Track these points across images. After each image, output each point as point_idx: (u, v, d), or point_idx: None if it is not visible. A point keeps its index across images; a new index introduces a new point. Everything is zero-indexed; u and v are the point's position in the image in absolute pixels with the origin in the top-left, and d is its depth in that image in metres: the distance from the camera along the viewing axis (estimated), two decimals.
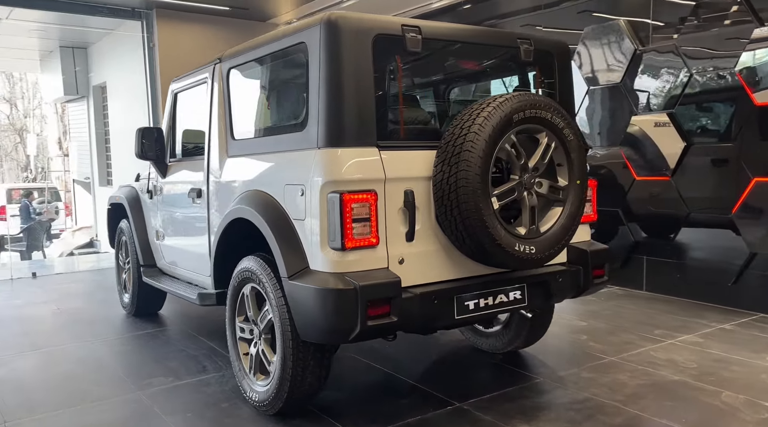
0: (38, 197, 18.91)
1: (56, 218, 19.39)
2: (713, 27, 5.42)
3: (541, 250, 3.03)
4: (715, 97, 5.47)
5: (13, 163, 35.43)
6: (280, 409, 3.17)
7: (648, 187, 5.94)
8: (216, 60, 3.86)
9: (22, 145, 33.90)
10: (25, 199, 17.30)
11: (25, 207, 16.47)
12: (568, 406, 3.35)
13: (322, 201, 2.80)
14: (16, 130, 34.30)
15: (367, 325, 2.71)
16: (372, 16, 2.96)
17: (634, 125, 6.02)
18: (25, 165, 33.98)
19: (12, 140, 34.61)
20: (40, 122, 32.84)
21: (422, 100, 3.51)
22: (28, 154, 33.19)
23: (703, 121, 5.58)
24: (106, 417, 3.37)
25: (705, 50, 5.46)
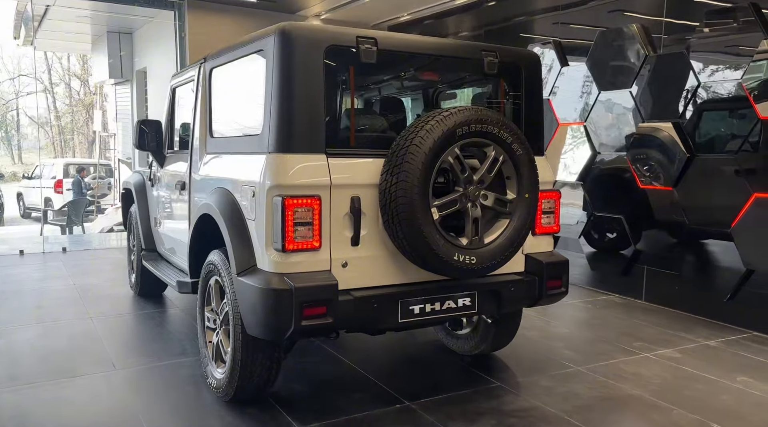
0: (92, 173, 19.77)
1: (108, 193, 20.24)
2: (724, 38, 5.28)
3: (482, 261, 3.10)
4: (721, 108, 5.34)
5: (83, 138, 37.11)
6: (233, 396, 3.35)
7: (652, 196, 5.85)
8: (202, 59, 4.04)
9: (90, 121, 35.43)
10: (78, 174, 18.08)
11: (77, 182, 17.23)
12: (511, 412, 3.42)
13: (268, 203, 2.95)
14: (85, 106, 35.84)
15: (300, 325, 2.86)
16: (327, 27, 3.07)
17: (640, 132, 5.93)
18: (91, 140, 35.53)
19: (83, 116, 36.24)
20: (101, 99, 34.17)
21: (376, 110, 3.59)
22: (94, 130, 34.66)
23: (708, 132, 5.46)
24: (77, 392, 3.62)
25: (714, 61, 5.33)
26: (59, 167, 21.14)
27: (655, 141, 5.79)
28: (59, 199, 20.65)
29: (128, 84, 13.10)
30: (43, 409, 3.40)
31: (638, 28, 5.97)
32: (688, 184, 5.49)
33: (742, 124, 5.14)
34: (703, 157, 5.38)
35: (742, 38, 5.15)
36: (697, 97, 5.42)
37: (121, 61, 12.35)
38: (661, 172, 5.76)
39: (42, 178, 21.46)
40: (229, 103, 3.71)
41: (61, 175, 20.65)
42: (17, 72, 36.39)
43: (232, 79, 3.64)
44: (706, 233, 5.49)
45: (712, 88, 5.32)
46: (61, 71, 36.62)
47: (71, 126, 37.91)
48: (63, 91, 37.56)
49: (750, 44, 5.01)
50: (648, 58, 5.85)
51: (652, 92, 5.86)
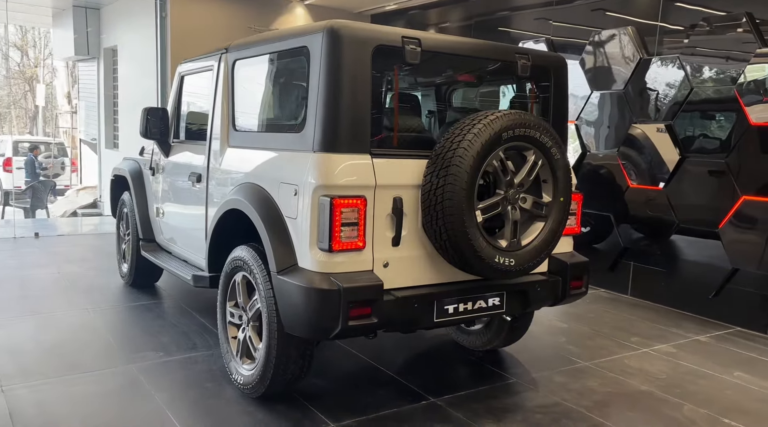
0: (44, 152, 19.02)
1: (61, 173, 19.52)
2: (718, 41, 5.48)
3: (521, 262, 3.17)
4: (713, 112, 5.55)
5: (22, 112, 35.38)
6: (263, 393, 3.34)
7: (641, 194, 6.05)
8: (223, 50, 3.95)
9: (32, 95, 33.85)
10: (31, 153, 17.36)
11: (31, 161, 16.55)
12: (535, 409, 3.52)
13: (313, 203, 2.93)
14: (26, 79, 34.20)
15: (347, 325, 2.86)
16: (374, 27, 3.05)
17: (632, 133, 6.11)
18: (33, 115, 33.97)
19: (21, 88, 34.53)
20: (50, 73, 32.73)
21: (419, 111, 3.60)
22: (37, 105, 33.14)
23: (700, 135, 5.67)
24: (97, 388, 3.54)
25: (707, 65, 5.52)
26: (8, 145, 20.26)
27: (647, 141, 5.98)
28: (8, 179, 19.83)
29: (93, 61, 12.62)
30: (65, 405, 3.31)
31: (632, 31, 6.13)
32: (678, 184, 5.70)
33: (732, 129, 5.35)
34: (693, 159, 5.59)
35: (736, 45, 5.35)
36: (689, 100, 5.61)
37: (87, 37, 11.87)
38: (651, 173, 5.95)
39: None
40: (260, 97, 3.64)
41: (10, 153, 19.80)
42: None
43: (265, 73, 3.57)
44: (694, 232, 5.72)
45: (705, 92, 5.52)
46: None
47: (8, 99, 36.12)
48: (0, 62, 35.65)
49: (744, 50, 5.22)
50: (641, 61, 6.02)
51: (645, 94, 6.04)
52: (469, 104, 3.84)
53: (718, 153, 5.42)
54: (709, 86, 5.50)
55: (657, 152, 5.92)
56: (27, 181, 17.05)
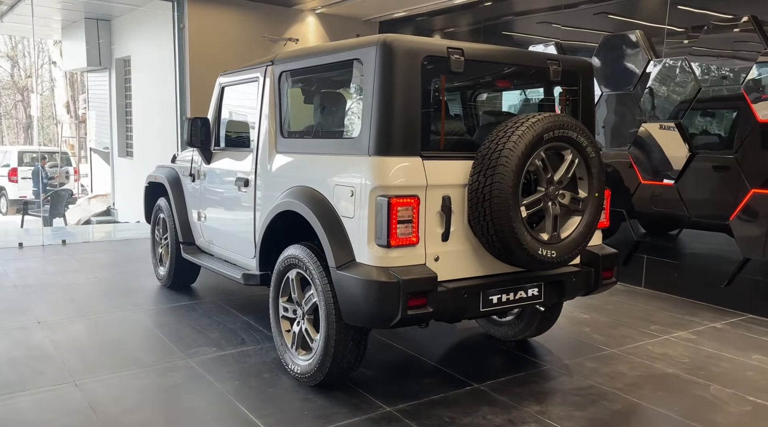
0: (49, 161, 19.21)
1: (66, 182, 19.73)
2: (724, 43, 5.76)
3: (561, 254, 3.43)
4: (721, 110, 5.83)
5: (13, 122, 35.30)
6: (321, 381, 3.58)
7: (652, 190, 6.32)
8: (268, 62, 4.20)
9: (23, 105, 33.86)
10: (38, 163, 17.55)
11: (38, 171, 16.75)
12: (573, 392, 3.77)
13: (371, 203, 3.18)
14: (19, 89, 34.22)
15: (406, 314, 3.11)
16: (422, 39, 3.31)
17: (642, 131, 6.38)
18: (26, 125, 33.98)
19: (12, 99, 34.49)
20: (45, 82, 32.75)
21: (462, 115, 3.86)
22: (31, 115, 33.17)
23: (709, 132, 5.94)
24: (162, 380, 3.78)
25: (714, 65, 5.80)
26: (13, 155, 20.44)
27: (658, 139, 6.26)
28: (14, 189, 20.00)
29: (104, 72, 12.85)
30: (136, 396, 3.54)
31: (640, 34, 6.41)
32: (689, 180, 5.98)
33: (740, 126, 5.63)
34: (703, 155, 5.87)
35: (742, 46, 5.63)
36: (698, 99, 5.89)
37: (99, 48, 12.11)
38: (661, 169, 6.23)
39: None
40: (310, 106, 3.89)
41: (15, 163, 19.99)
42: None
43: (314, 83, 3.82)
44: (705, 225, 5.99)
45: (713, 91, 5.80)
46: None
47: None
48: None
49: (750, 50, 5.50)
50: (650, 62, 6.30)
51: (654, 94, 6.31)
52: (506, 108, 4.09)
53: (727, 149, 5.70)
54: (716, 86, 5.77)
55: (667, 150, 6.19)
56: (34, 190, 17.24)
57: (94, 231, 10.05)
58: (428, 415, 3.39)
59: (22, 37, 31.90)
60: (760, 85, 5.39)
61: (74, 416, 3.28)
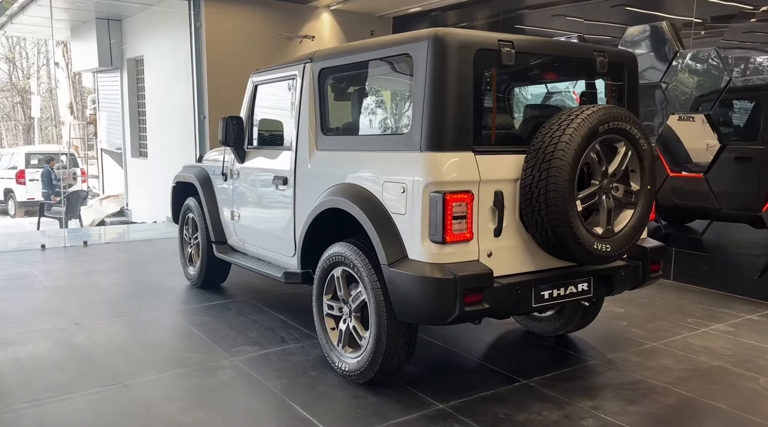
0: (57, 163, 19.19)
1: (74, 183, 19.72)
2: (752, 33, 5.72)
3: (616, 248, 3.40)
4: (751, 101, 5.79)
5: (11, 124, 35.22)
6: (371, 379, 3.56)
7: (681, 182, 6.28)
8: (306, 59, 4.16)
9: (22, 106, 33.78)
10: (47, 165, 17.53)
11: (47, 173, 16.73)
12: (623, 386, 3.75)
13: (424, 199, 3.15)
14: (18, 90, 34.14)
15: (464, 310, 3.09)
16: (473, 32, 3.28)
17: (671, 123, 6.34)
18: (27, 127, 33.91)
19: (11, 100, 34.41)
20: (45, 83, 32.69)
21: (513, 109, 3.83)
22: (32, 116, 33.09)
23: (738, 123, 5.91)
24: (211, 380, 3.76)
25: (744, 56, 5.76)
26: (20, 157, 20.43)
27: (687, 131, 6.22)
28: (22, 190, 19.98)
29: (115, 72, 12.81)
30: (189, 395, 3.53)
31: (668, 25, 6.37)
32: (719, 171, 5.94)
33: None
34: (733, 146, 5.84)
35: None
36: (727, 90, 5.85)
37: (110, 48, 12.07)
38: (690, 161, 6.19)
39: None
40: (355, 103, 3.86)
41: (22, 165, 19.98)
42: None
43: (359, 80, 3.79)
44: (736, 216, 5.96)
45: (743, 82, 5.76)
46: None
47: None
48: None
49: None
50: (678, 54, 6.26)
51: (682, 86, 6.27)
52: (555, 101, 4.06)
53: (758, 140, 5.66)
54: (745, 76, 5.73)
55: (696, 141, 6.16)
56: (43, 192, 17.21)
57: (114, 232, 10.02)
58: (482, 411, 3.37)
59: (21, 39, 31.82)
60: None
61: (130, 417, 3.26)
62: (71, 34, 13.92)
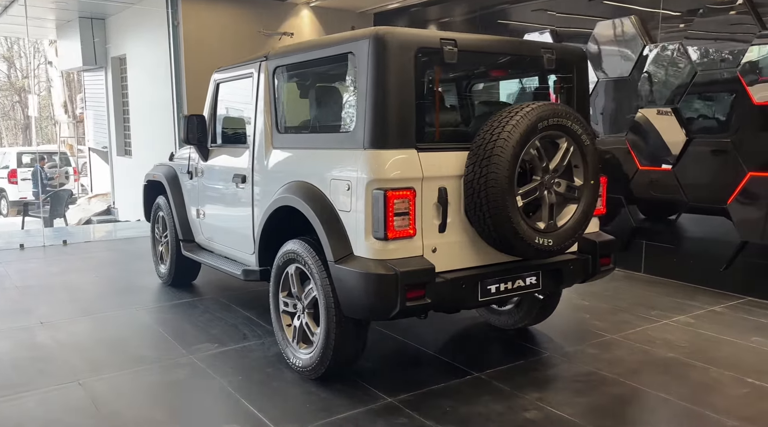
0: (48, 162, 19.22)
1: (66, 182, 19.74)
2: (719, 26, 5.75)
3: (558, 242, 3.45)
4: (717, 94, 5.83)
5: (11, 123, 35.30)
6: (322, 374, 3.61)
7: (650, 176, 6.33)
8: (262, 57, 4.20)
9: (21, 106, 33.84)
10: (37, 164, 17.56)
11: (37, 172, 16.76)
12: (573, 378, 3.80)
13: (367, 196, 3.19)
14: (16, 90, 34.20)
15: (405, 305, 3.14)
16: (414, 31, 3.32)
17: (639, 117, 6.38)
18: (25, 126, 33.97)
19: (10, 100, 34.49)
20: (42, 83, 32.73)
21: (457, 106, 3.87)
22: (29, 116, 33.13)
23: (705, 116, 5.94)
24: (165, 377, 3.81)
25: (710, 49, 5.80)
26: (12, 156, 20.46)
27: (655, 125, 6.26)
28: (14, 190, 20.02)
29: (100, 71, 12.83)
30: (140, 393, 3.58)
31: (635, 19, 6.39)
32: (686, 164, 5.98)
33: (736, 109, 5.63)
34: (699, 139, 5.87)
35: (737, 28, 5.62)
36: (693, 83, 5.89)
37: (94, 47, 12.08)
38: (659, 154, 6.23)
39: None
40: (304, 101, 3.90)
41: (14, 164, 20.01)
42: None
43: (308, 78, 3.82)
44: (703, 209, 6.00)
45: (709, 75, 5.80)
46: None
47: None
48: None
49: (745, 32, 5.49)
50: (645, 48, 6.29)
51: (650, 79, 6.31)
52: (503, 98, 4.10)
53: (723, 133, 5.70)
54: (712, 69, 5.77)
55: (664, 135, 6.20)
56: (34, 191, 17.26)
57: (95, 231, 10.07)
58: (429, 405, 3.42)
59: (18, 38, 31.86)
60: (756, 67, 5.39)
61: (77, 414, 3.31)
62: (57, 33, 13.93)
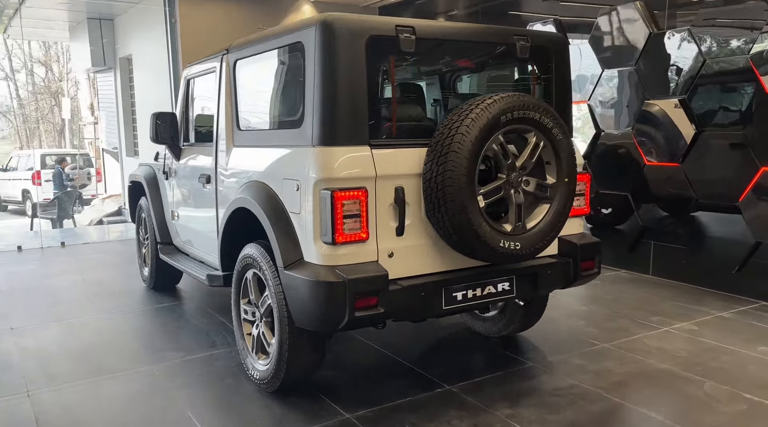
0: (71, 163, 19.44)
1: (88, 183, 19.94)
2: (729, 13, 5.36)
3: (527, 246, 3.15)
4: (728, 84, 5.43)
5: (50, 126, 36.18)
6: (278, 387, 3.38)
7: (658, 172, 5.95)
8: (224, 50, 3.99)
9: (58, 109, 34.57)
10: (58, 165, 17.75)
11: (58, 174, 16.94)
12: (552, 391, 3.50)
13: (315, 197, 2.95)
14: (51, 93, 34.93)
15: (354, 315, 2.89)
16: (367, 17, 3.06)
17: (646, 110, 6.01)
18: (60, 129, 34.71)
19: (48, 103, 35.34)
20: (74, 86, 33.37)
21: (416, 99, 3.60)
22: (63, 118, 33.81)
23: (715, 107, 5.55)
24: (120, 389, 3.63)
25: (720, 36, 5.40)
26: (36, 158, 20.78)
27: (662, 117, 5.88)
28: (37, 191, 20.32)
29: (111, 72, 12.83)
30: (88, 406, 3.40)
31: (641, 5, 6.02)
32: (696, 159, 5.60)
33: (749, 100, 5.23)
34: (709, 132, 5.48)
35: (748, 14, 5.22)
36: (702, 73, 5.50)
37: (103, 48, 12.07)
38: (667, 149, 5.85)
39: (17, 169, 21.11)
40: (261, 95, 3.68)
41: (38, 166, 20.31)
42: None
43: (264, 71, 3.61)
44: (713, 207, 5.61)
45: (718, 64, 5.41)
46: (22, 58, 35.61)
47: (36, 114, 36.97)
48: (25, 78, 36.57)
49: (757, 18, 5.09)
50: (651, 36, 5.91)
51: (657, 70, 5.93)
52: (471, 89, 3.82)
53: (735, 125, 5.31)
54: (722, 58, 5.38)
55: (672, 128, 5.81)
56: (55, 193, 17.46)
57: (97, 232, 10.01)
58: (388, 421, 3.17)
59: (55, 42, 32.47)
60: None
61: None
62: (70, 35, 13.99)
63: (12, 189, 21.20)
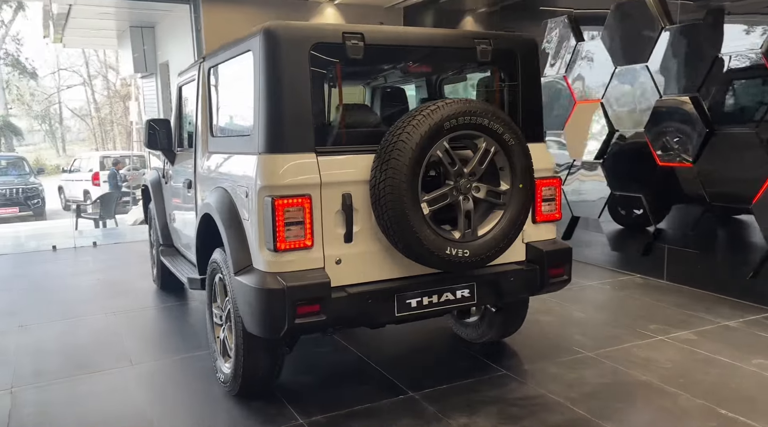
0: (127, 165, 20.22)
1: None
2: (742, 5, 5.08)
3: (477, 253, 3.09)
4: (740, 81, 5.15)
5: (122, 129, 37.95)
6: (239, 391, 3.44)
7: (671, 173, 5.70)
8: (201, 58, 4.08)
9: (127, 112, 36.21)
10: (113, 167, 18.49)
11: (113, 175, 17.66)
12: (514, 401, 3.42)
13: (260, 204, 2.98)
14: (121, 97, 36.59)
15: (294, 323, 2.90)
16: (311, 25, 3.08)
17: (658, 108, 5.76)
18: (129, 131, 36.35)
19: (120, 107, 37.10)
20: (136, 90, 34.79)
21: (364, 106, 3.57)
22: (131, 121, 35.38)
23: (727, 106, 5.27)
24: (98, 388, 3.76)
25: (733, 31, 5.12)
26: (96, 160, 21.77)
27: (674, 116, 5.63)
28: (97, 192, 21.28)
29: (152, 77, 13.30)
30: (62, 405, 3.54)
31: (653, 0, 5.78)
32: (708, 159, 5.33)
33: (762, 96, 4.95)
34: (723, 131, 5.21)
35: (761, 7, 4.94)
36: (714, 69, 5.23)
37: (144, 55, 12.53)
38: (681, 148, 5.60)
39: (80, 171, 22.15)
40: (225, 103, 3.75)
41: (97, 167, 21.27)
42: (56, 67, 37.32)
43: (227, 79, 3.67)
44: (727, 209, 5.33)
45: (731, 59, 5.13)
46: (98, 64, 37.51)
47: (110, 117, 38.85)
48: (101, 83, 38.54)
49: None
50: (664, 30, 5.67)
51: (669, 66, 5.68)
52: (429, 95, 3.76)
53: (749, 123, 5.03)
54: (735, 53, 5.10)
55: (684, 127, 5.56)
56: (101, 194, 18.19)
57: (131, 232, 10.37)
58: None
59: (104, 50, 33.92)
60: None
61: None
62: (118, 43, 14.58)
63: (75, 190, 22.23)
